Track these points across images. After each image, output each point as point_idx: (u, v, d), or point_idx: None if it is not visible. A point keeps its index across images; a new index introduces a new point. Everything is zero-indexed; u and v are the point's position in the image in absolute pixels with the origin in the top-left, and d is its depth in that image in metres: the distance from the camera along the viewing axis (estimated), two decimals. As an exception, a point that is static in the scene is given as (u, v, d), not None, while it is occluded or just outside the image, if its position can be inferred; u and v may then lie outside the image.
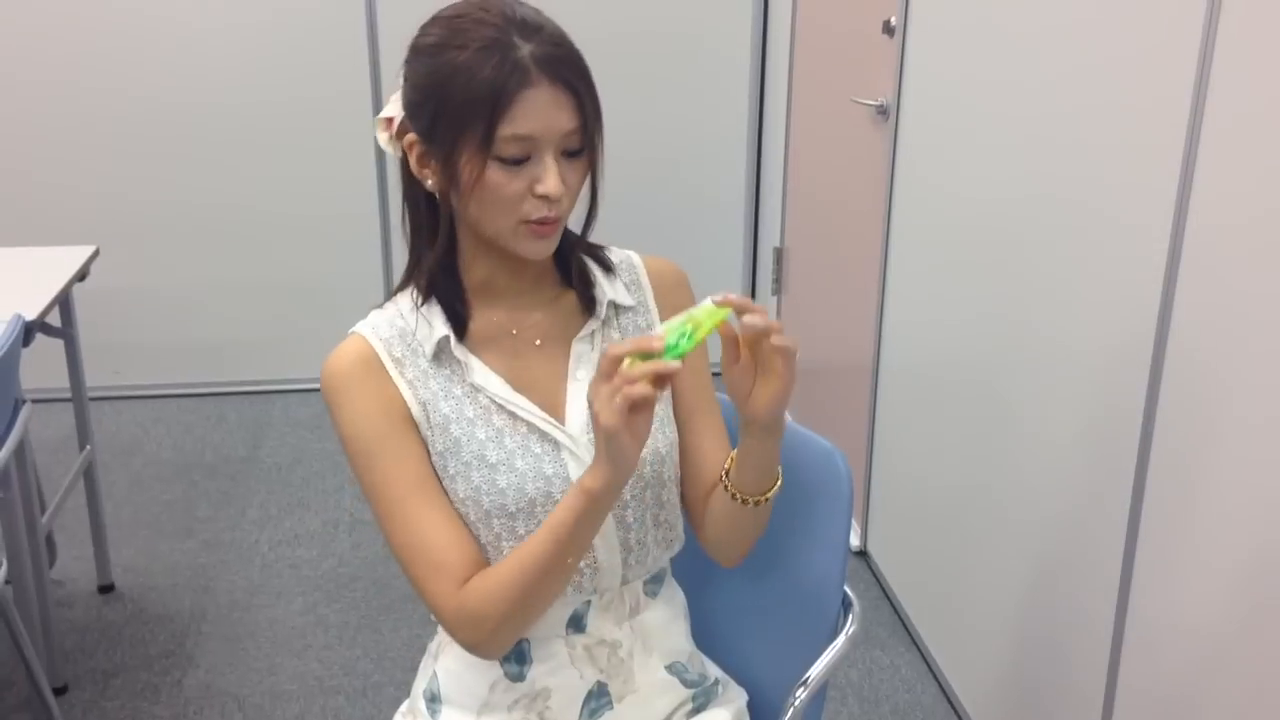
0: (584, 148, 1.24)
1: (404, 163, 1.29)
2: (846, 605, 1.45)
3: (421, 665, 1.47)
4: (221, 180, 3.89)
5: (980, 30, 2.27)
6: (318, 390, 4.50)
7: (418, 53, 1.24)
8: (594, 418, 1.13)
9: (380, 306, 1.35)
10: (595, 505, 1.18)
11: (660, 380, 1.12)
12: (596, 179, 1.28)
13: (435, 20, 1.24)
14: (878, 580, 2.92)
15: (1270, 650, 1.47)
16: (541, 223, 1.23)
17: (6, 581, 2.17)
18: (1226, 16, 1.51)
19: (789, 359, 1.17)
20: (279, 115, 3.84)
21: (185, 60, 3.75)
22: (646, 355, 1.12)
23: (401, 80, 1.27)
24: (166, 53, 3.73)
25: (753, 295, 4.15)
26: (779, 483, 1.32)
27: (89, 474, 2.84)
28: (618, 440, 1.13)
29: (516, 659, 1.35)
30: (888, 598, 2.85)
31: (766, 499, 1.31)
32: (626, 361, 1.12)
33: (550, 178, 1.20)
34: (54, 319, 2.54)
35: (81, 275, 2.64)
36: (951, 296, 2.44)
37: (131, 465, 3.56)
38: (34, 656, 2.27)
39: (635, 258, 1.42)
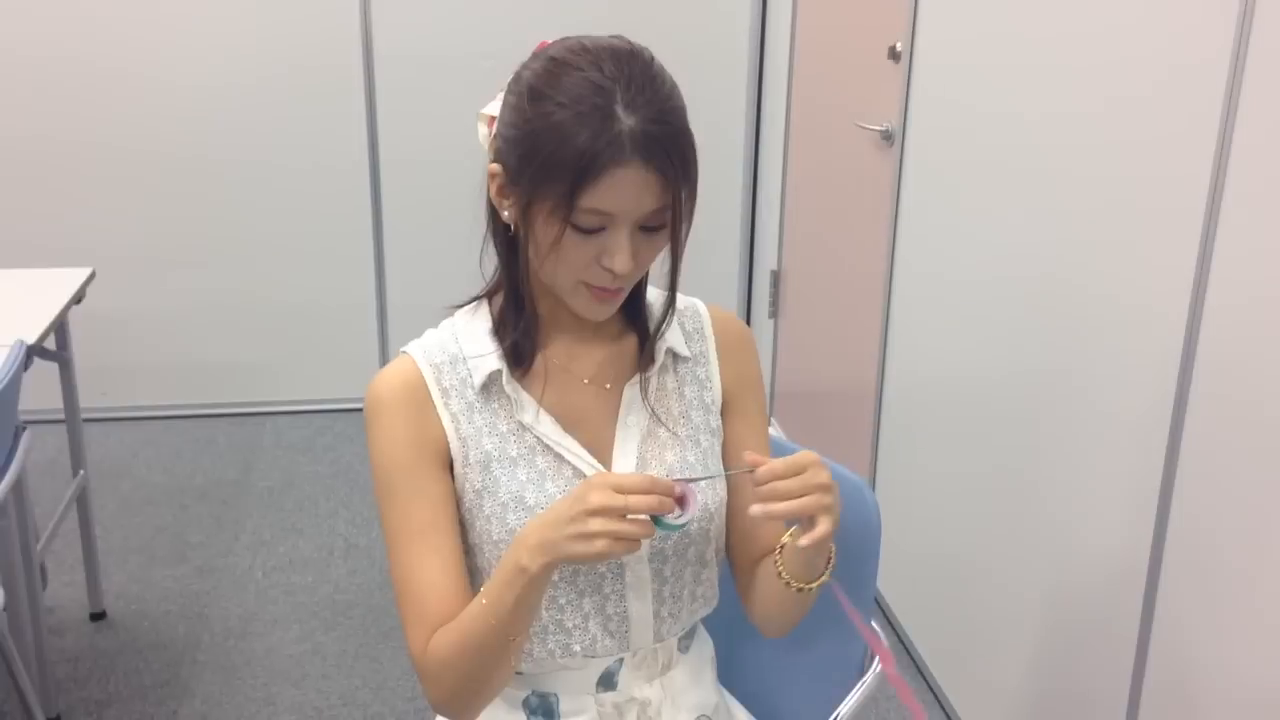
0: (664, 225, 1.18)
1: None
2: (875, 641, 1.42)
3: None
4: (214, 203, 3.85)
5: (988, 57, 2.27)
6: (308, 413, 4.38)
7: (520, 86, 1.17)
8: (566, 539, 1.08)
9: (438, 326, 1.30)
10: (532, 586, 1.13)
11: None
12: (678, 250, 1.21)
13: (548, 58, 1.17)
14: (889, 621, 2.87)
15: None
16: (603, 289, 1.20)
17: (3, 609, 2.12)
18: (1254, 52, 1.50)
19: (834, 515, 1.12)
20: (271, 139, 3.81)
21: (178, 84, 3.72)
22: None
23: (505, 92, 1.21)
24: (160, 77, 3.70)
25: (748, 319, 4.12)
26: (832, 563, 1.24)
27: (81, 499, 2.80)
28: (578, 560, 1.10)
29: (545, 715, 1.32)
30: (900, 640, 2.81)
31: (816, 586, 1.24)
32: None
33: (621, 255, 1.16)
34: (49, 342, 2.50)
35: (78, 298, 2.60)
36: (959, 323, 2.43)
37: (120, 489, 3.51)
38: (29, 687, 2.23)
39: (701, 307, 1.38)
